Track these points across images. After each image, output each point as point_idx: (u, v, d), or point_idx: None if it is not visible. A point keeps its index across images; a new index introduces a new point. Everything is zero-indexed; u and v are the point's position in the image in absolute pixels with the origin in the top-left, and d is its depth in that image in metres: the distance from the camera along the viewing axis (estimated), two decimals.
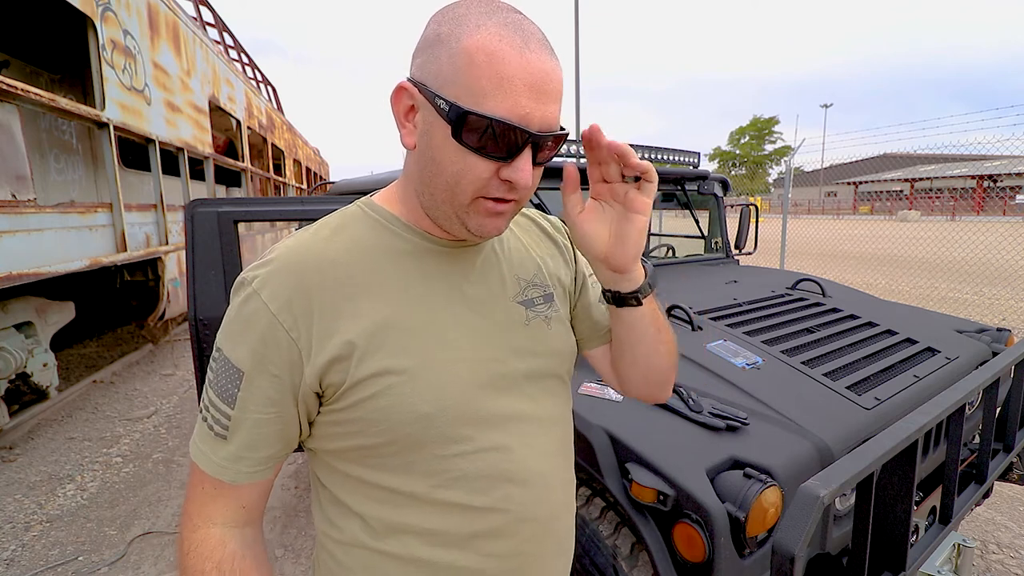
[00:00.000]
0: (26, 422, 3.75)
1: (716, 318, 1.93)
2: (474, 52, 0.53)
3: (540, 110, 0.55)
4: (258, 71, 11.65)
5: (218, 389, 0.61)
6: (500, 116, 0.53)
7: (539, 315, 0.73)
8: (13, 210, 3.18)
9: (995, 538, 2.43)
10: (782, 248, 7.14)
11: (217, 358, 0.61)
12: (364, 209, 0.69)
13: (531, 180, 0.58)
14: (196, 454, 0.62)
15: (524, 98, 0.54)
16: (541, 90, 0.55)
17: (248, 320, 0.59)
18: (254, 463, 0.62)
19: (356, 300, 0.61)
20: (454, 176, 0.58)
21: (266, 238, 8.89)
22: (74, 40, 4.30)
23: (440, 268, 0.67)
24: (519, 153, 0.56)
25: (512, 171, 0.57)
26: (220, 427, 0.61)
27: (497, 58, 0.53)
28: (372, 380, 0.59)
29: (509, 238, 0.78)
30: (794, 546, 0.69)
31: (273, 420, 0.61)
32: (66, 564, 2.38)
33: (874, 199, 45.25)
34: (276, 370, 0.59)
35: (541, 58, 0.55)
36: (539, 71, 0.54)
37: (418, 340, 0.62)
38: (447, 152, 0.57)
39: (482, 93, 0.53)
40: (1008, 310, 6.80)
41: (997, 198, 32.51)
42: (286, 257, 0.62)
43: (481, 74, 0.53)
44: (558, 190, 2.76)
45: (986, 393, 1.35)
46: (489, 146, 0.55)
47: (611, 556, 1.23)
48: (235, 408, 0.60)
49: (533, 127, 0.55)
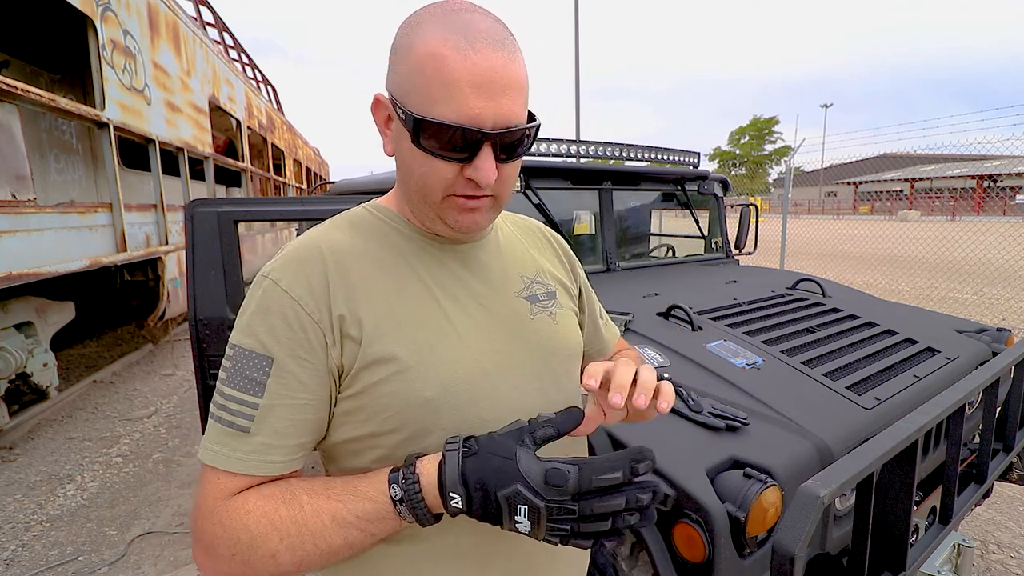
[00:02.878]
0: (26, 422, 3.75)
1: (716, 318, 1.93)
2: (423, 60, 0.56)
3: (491, 107, 0.56)
4: (258, 71, 11.65)
5: (239, 383, 0.58)
6: (450, 121, 0.56)
7: (544, 310, 0.75)
8: (13, 210, 3.18)
9: (995, 538, 2.43)
10: (782, 248, 7.14)
11: (233, 355, 0.60)
12: (369, 210, 0.72)
13: (494, 176, 0.59)
14: (213, 457, 0.58)
15: (472, 99, 0.55)
16: (490, 88, 0.56)
17: (270, 309, 0.60)
18: (287, 451, 0.59)
19: (364, 289, 0.63)
20: (422, 178, 0.61)
21: (266, 238, 8.89)
22: (74, 40, 4.30)
23: (444, 263, 0.69)
24: (478, 152, 0.58)
25: (473, 171, 0.58)
26: (244, 419, 0.58)
27: (441, 63, 0.55)
28: (379, 366, 0.60)
29: (511, 239, 0.80)
30: (794, 546, 0.69)
31: (304, 407, 0.60)
32: (66, 564, 2.38)
33: (874, 199, 45.25)
34: (304, 354, 0.59)
35: (487, 56, 0.56)
36: (485, 69, 0.55)
37: (423, 329, 0.63)
38: (414, 157, 0.60)
39: (432, 100, 0.56)
40: (1008, 310, 6.80)
41: (997, 198, 32.50)
42: (299, 250, 0.64)
43: (429, 82, 0.56)
44: (558, 190, 2.74)
45: (986, 393, 1.34)
46: (447, 149, 0.58)
47: (611, 556, 1.23)
48: (264, 396, 0.58)
49: (487, 125, 0.56)
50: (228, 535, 0.55)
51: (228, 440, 0.58)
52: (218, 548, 0.56)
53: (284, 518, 0.55)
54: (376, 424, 0.62)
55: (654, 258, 3.10)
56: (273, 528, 0.55)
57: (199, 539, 0.57)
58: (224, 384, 0.59)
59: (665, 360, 1.59)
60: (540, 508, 0.52)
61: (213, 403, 0.60)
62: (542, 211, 2.29)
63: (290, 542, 0.55)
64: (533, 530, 0.53)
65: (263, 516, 0.55)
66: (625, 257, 2.72)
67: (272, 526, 0.55)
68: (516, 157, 0.62)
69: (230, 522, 0.55)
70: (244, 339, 0.60)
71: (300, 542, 0.55)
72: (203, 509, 0.57)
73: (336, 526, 0.56)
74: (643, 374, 0.61)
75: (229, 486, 0.57)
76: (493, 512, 0.54)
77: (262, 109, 9.29)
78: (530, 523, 0.52)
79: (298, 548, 0.55)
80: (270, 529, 0.55)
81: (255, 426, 0.58)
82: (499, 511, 0.54)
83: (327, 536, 0.56)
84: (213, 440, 0.59)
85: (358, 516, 0.56)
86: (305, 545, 0.55)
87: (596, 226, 2.58)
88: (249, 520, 0.55)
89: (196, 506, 0.58)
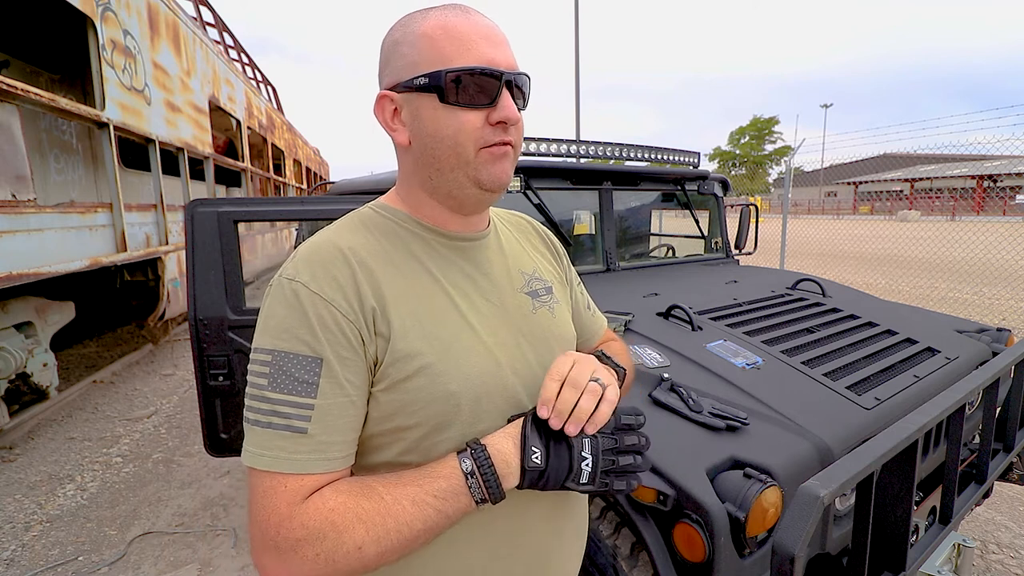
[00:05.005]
0: (26, 422, 3.75)
1: (716, 318, 1.93)
2: (430, 31, 0.64)
3: (502, 54, 0.65)
4: (258, 71, 11.65)
5: (287, 386, 0.58)
6: (473, 65, 0.62)
7: (544, 305, 0.79)
8: (13, 210, 3.18)
9: (995, 538, 2.43)
10: (782, 248, 7.14)
11: (272, 360, 0.59)
12: (376, 210, 0.73)
13: (518, 114, 0.66)
14: (271, 462, 0.57)
15: (484, 48, 0.63)
16: (495, 40, 0.65)
17: (306, 311, 0.60)
18: (344, 447, 0.61)
19: (388, 288, 0.65)
20: (453, 137, 0.64)
21: (266, 238, 8.89)
22: (74, 40, 4.30)
23: (453, 261, 0.72)
24: (499, 94, 0.64)
25: (500, 110, 0.64)
26: (301, 420, 0.58)
27: (450, 27, 0.63)
28: (405, 362, 0.62)
29: (510, 238, 0.83)
30: (794, 546, 0.68)
31: (355, 403, 0.61)
32: (66, 564, 2.38)
33: (874, 199, 45.23)
34: (346, 352, 0.61)
35: (484, 19, 0.66)
36: (487, 26, 0.65)
37: (442, 325, 0.66)
38: (440, 120, 0.64)
39: (449, 57, 0.63)
40: (1008, 310, 6.80)
41: (997, 198, 32.49)
42: (320, 252, 0.64)
43: (442, 44, 0.63)
44: (558, 190, 2.74)
45: (986, 393, 1.34)
46: (473, 97, 0.63)
47: (611, 556, 1.23)
48: (317, 396, 0.58)
49: (502, 68, 0.64)
50: (313, 536, 0.55)
51: (285, 444, 0.58)
52: (300, 551, 0.55)
53: (367, 510, 0.57)
54: (402, 418, 0.64)
55: (654, 258, 3.10)
56: (359, 521, 0.56)
57: (275, 546, 0.56)
58: (266, 390, 0.59)
59: (665, 360, 1.59)
60: (597, 439, 0.64)
61: (253, 410, 0.59)
62: (542, 211, 2.29)
63: (375, 533, 0.56)
64: (592, 468, 0.63)
65: (347, 511, 0.56)
66: (625, 257, 2.72)
67: (358, 519, 0.56)
68: (524, 108, 0.69)
69: (314, 523, 0.55)
70: (283, 343, 0.59)
71: (384, 532, 0.56)
72: (276, 516, 0.56)
73: (416, 509, 0.58)
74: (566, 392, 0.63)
75: (298, 489, 0.57)
76: (565, 460, 0.62)
77: (262, 109, 9.29)
78: (591, 457, 0.63)
79: (383, 538, 0.56)
80: (356, 522, 0.56)
81: (312, 426, 0.58)
82: (570, 455, 0.62)
83: (409, 521, 0.57)
84: (265, 446, 0.58)
85: (435, 495, 0.59)
86: (389, 534, 0.57)
87: (596, 226, 2.58)
88: (335, 517, 0.56)
89: (264, 517, 0.57)
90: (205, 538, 2.55)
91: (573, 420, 0.62)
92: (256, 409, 0.59)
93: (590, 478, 0.62)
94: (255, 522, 0.57)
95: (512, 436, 0.63)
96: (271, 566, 0.57)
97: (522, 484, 0.62)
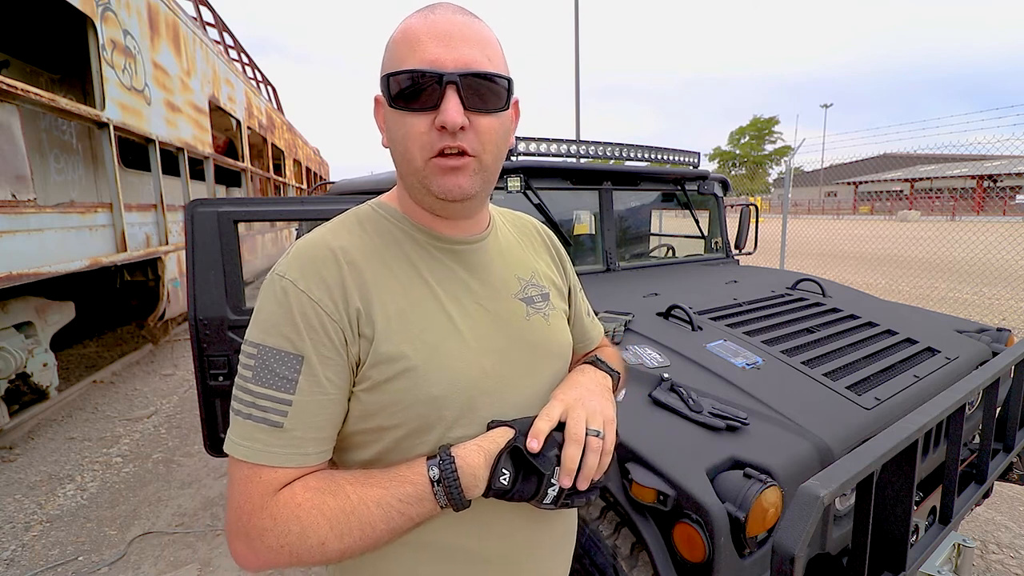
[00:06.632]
0: (26, 422, 3.75)
1: (716, 318, 1.93)
2: (397, 34, 0.64)
3: (451, 53, 0.61)
4: (258, 71, 11.65)
5: (268, 380, 0.60)
6: (411, 68, 0.61)
7: (538, 312, 0.78)
8: (13, 210, 3.18)
9: (995, 538, 2.43)
10: (782, 248, 7.14)
11: (257, 354, 0.61)
12: (375, 208, 0.73)
13: (459, 118, 0.60)
14: (248, 452, 0.59)
15: (431, 47, 0.61)
16: (449, 38, 0.61)
17: (292, 309, 0.61)
18: (319, 443, 0.62)
19: (375, 289, 0.65)
20: (402, 142, 0.64)
21: (266, 238, 8.89)
22: (74, 40, 4.30)
23: (446, 264, 0.71)
24: (442, 96, 0.61)
25: (441, 114, 0.61)
26: (277, 415, 0.60)
27: (409, 28, 0.63)
28: (388, 364, 0.63)
29: (509, 241, 0.83)
30: (794, 546, 0.68)
31: (333, 401, 0.62)
32: (66, 564, 2.38)
33: (874, 199, 45.21)
34: (328, 352, 0.62)
35: (446, 15, 0.62)
36: (444, 23, 0.62)
37: (429, 329, 0.66)
38: (392, 125, 0.65)
39: (399, 60, 0.62)
40: (1008, 310, 6.80)
41: (997, 198, 32.49)
42: (312, 250, 0.65)
43: (398, 47, 0.63)
44: (558, 190, 2.74)
45: (986, 393, 1.34)
46: (415, 99, 0.61)
47: (611, 556, 1.23)
48: (296, 393, 0.60)
49: (446, 67, 0.60)
50: (278, 527, 0.57)
51: (262, 436, 0.59)
52: (266, 540, 0.58)
53: (333, 508, 0.58)
54: (383, 418, 0.65)
55: (654, 258, 3.10)
56: (323, 518, 0.58)
57: (245, 533, 0.58)
58: (250, 382, 0.61)
59: (665, 360, 1.59)
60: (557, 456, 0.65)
61: (238, 400, 0.61)
62: (542, 211, 2.29)
63: (339, 530, 0.58)
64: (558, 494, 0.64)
65: (313, 507, 0.58)
66: (625, 257, 2.72)
67: (322, 516, 0.58)
68: (491, 111, 0.64)
69: (281, 515, 0.58)
70: (269, 338, 0.61)
71: (347, 529, 0.58)
72: (249, 505, 0.59)
73: (380, 511, 0.59)
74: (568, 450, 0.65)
75: (272, 480, 0.59)
76: (533, 486, 0.63)
77: (262, 109, 9.29)
78: (558, 484, 0.64)
79: (346, 535, 0.58)
80: (320, 519, 0.58)
81: (289, 421, 0.60)
82: (539, 483, 0.63)
83: (372, 522, 0.59)
84: (244, 436, 0.60)
85: (400, 499, 0.60)
86: (352, 532, 0.58)
87: (596, 226, 2.58)
88: (300, 512, 0.58)
89: (237, 504, 0.59)
90: (205, 538, 2.55)
91: (582, 478, 0.65)
92: (240, 399, 0.61)
93: (554, 500, 0.65)
94: (231, 508, 0.60)
95: (486, 452, 0.63)
96: (241, 551, 0.59)
97: (487, 495, 0.63)
